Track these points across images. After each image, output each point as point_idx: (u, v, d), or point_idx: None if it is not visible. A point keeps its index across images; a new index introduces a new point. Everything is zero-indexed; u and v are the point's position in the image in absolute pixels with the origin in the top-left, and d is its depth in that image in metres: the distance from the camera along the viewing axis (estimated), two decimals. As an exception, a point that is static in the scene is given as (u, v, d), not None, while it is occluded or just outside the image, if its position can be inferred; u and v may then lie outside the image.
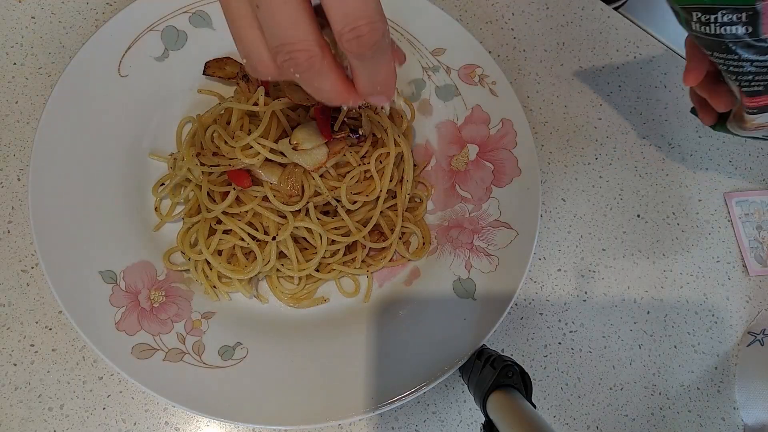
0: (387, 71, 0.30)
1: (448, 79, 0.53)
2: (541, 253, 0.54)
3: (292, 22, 0.26)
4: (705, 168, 0.58)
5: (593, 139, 0.58)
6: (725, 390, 0.52)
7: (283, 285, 0.48)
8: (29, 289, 0.47)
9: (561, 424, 0.50)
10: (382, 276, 0.50)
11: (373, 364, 0.45)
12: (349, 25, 0.26)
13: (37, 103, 0.51)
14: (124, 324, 0.44)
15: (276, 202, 0.45)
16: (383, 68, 0.29)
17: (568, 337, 0.52)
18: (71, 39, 0.54)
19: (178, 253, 0.48)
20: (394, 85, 0.31)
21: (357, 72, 0.29)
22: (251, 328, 0.46)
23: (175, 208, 0.49)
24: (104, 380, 0.46)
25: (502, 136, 0.52)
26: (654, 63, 0.61)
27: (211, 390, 0.43)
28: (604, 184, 0.57)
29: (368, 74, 0.29)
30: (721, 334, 0.54)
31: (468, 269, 0.49)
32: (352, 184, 0.47)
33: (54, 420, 0.45)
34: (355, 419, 0.43)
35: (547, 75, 0.59)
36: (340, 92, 0.30)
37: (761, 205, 0.58)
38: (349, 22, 0.26)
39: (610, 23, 0.62)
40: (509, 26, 0.60)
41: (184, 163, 0.47)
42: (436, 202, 0.52)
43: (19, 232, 0.48)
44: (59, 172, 0.46)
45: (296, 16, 0.26)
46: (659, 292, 0.54)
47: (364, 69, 0.29)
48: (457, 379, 0.49)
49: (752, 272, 0.56)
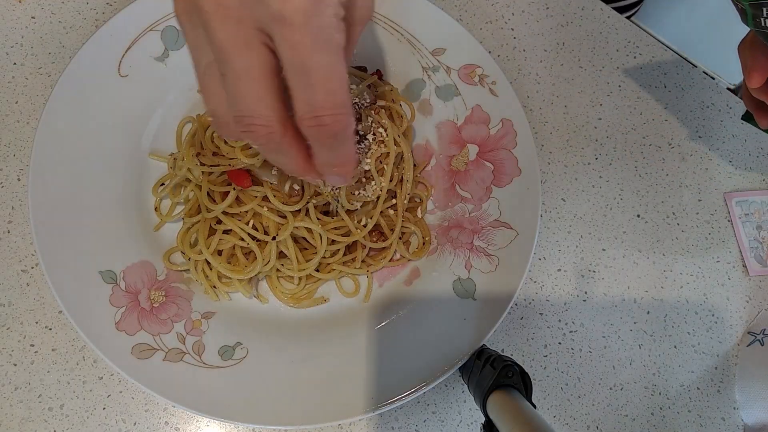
0: (345, 158, 0.29)
1: (448, 79, 0.53)
2: (541, 253, 0.54)
3: (255, 96, 0.26)
4: (705, 168, 0.58)
5: (593, 139, 0.58)
6: (725, 390, 0.52)
7: (283, 285, 0.48)
8: (29, 289, 0.47)
9: (561, 424, 0.50)
10: (382, 276, 0.50)
11: (373, 364, 0.45)
12: (311, 113, 0.26)
13: (37, 103, 0.51)
14: (124, 324, 0.44)
15: (276, 202, 0.45)
16: (342, 155, 0.29)
17: (568, 337, 0.52)
18: (71, 39, 0.54)
19: (178, 253, 0.48)
20: (351, 170, 0.31)
21: (315, 152, 0.29)
22: (251, 328, 0.46)
23: (175, 208, 0.49)
24: (104, 380, 0.46)
25: (502, 136, 0.52)
26: (654, 63, 0.61)
27: (211, 390, 0.43)
28: (604, 184, 0.57)
29: (326, 158, 0.29)
30: (721, 334, 0.54)
31: (468, 269, 0.49)
32: (352, 184, 0.47)
33: (54, 420, 0.45)
34: (355, 419, 0.43)
35: (547, 75, 0.59)
36: (298, 168, 0.29)
37: (761, 205, 0.58)
38: (312, 111, 0.26)
39: (610, 23, 0.62)
40: (509, 26, 0.60)
41: (184, 163, 0.47)
42: (436, 202, 0.52)
43: (19, 232, 0.48)
44: (59, 172, 0.46)
45: (260, 90, 0.26)
46: (659, 292, 0.54)
47: (322, 153, 0.29)
48: (457, 379, 0.49)
49: (752, 272, 0.56)
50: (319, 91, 0.26)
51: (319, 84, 0.25)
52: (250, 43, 0.25)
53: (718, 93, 0.61)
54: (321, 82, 0.25)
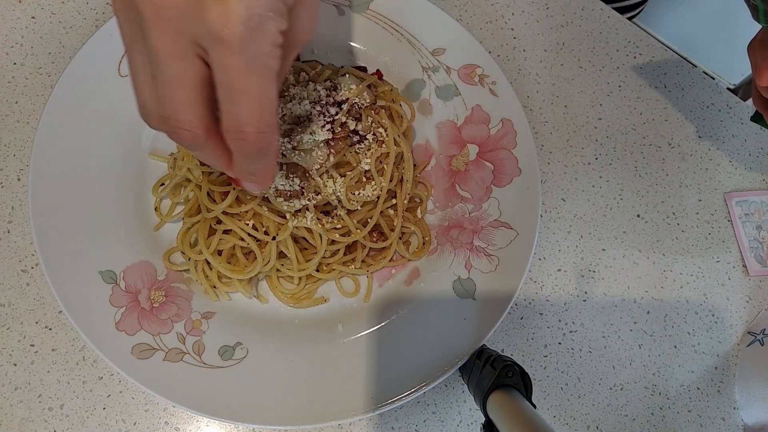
0: (265, 170, 0.30)
1: (448, 79, 0.53)
2: (541, 253, 0.54)
3: (184, 102, 0.27)
4: (705, 168, 0.58)
5: (593, 139, 0.58)
6: (725, 390, 0.52)
7: (283, 285, 0.48)
8: (29, 289, 0.47)
9: (561, 424, 0.50)
10: (382, 276, 0.50)
11: (373, 364, 0.45)
12: (236, 128, 0.27)
13: (37, 103, 0.51)
14: (124, 324, 0.44)
15: (276, 202, 0.45)
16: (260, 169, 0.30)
17: (568, 337, 0.52)
18: (71, 39, 0.54)
19: (178, 253, 0.48)
20: (269, 181, 0.32)
21: (236, 160, 0.30)
22: (251, 328, 0.46)
23: (175, 208, 0.49)
24: (104, 380, 0.46)
25: (502, 136, 0.52)
26: (654, 63, 0.61)
27: (211, 390, 0.43)
28: (604, 184, 0.57)
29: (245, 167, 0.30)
30: (721, 334, 0.54)
31: (468, 269, 0.49)
32: (352, 184, 0.47)
33: (54, 420, 0.45)
34: (355, 419, 0.43)
35: (547, 75, 0.59)
36: (221, 167, 0.30)
37: (761, 205, 0.58)
38: (237, 125, 0.27)
39: (610, 23, 0.62)
40: (509, 26, 0.60)
41: (184, 163, 0.47)
42: (436, 202, 0.52)
43: (19, 232, 0.48)
44: (59, 172, 0.46)
45: (189, 98, 0.27)
46: (659, 292, 0.54)
47: (242, 162, 0.29)
48: (457, 379, 0.49)
49: (752, 272, 0.56)
50: (247, 111, 0.26)
51: (247, 104, 0.26)
52: (185, 54, 0.26)
53: (718, 93, 0.61)
54: (250, 103, 0.26)
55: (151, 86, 0.27)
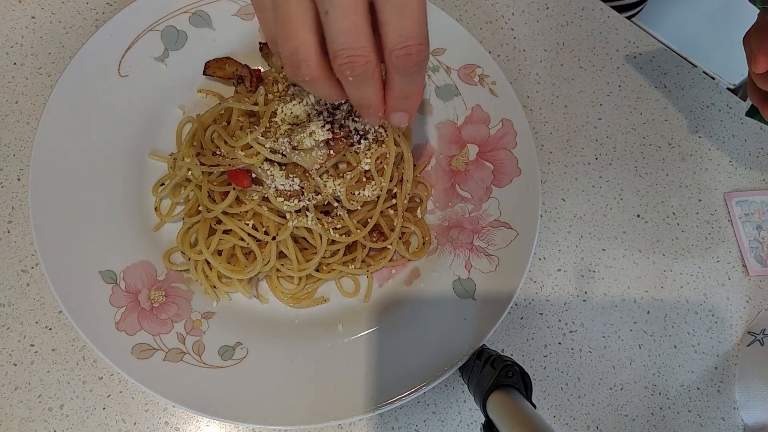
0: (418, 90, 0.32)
1: (448, 79, 0.53)
2: (541, 253, 0.54)
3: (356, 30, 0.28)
4: (705, 168, 0.58)
5: (593, 139, 0.58)
6: (725, 390, 0.52)
7: (283, 285, 0.48)
8: (29, 289, 0.47)
9: (561, 424, 0.50)
10: (382, 276, 0.50)
11: (373, 364, 0.45)
12: (402, 43, 0.28)
13: (37, 103, 0.51)
14: (124, 324, 0.44)
15: (276, 202, 0.45)
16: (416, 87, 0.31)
17: (568, 337, 0.52)
18: (71, 39, 0.54)
19: (178, 253, 0.48)
20: (418, 105, 0.33)
21: (393, 86, 0.31)
22: (251, 328, 0.46)
23: (175, 208, 0.49)
24: (104, 380, 0.46)
25: (502, 136, 0.52)
26: (654, 63, 0.61)
27: (211, 390, 0.43)
28: (604, 184, 0.57)
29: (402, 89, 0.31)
30: (721, 334, 0.54)
31: (468, 269, 0.49)
32: (352, 184, 0.47)
33: (54, 420, 0.45)
34: (355, 419, 0.43)
35: (547, 75, 0.59)
36: (378, 101, 0.31)
37: (761, 205, 0.58)
38: (403, 41, 0.28)
39: (610, 23, 0.62)
40: (509, 26, 0.60)
41: (184, 163, 0.47)
42: (436, 202, 0.52)
43: (19, 232, 0.48)
44: (59, 172, 0.46)
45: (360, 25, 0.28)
46: (659, 292, 0.54)
47: (401, 84, 0.31)
48: (457, 379, 0.49)
49: (752, 272, 0.56)
50: (411, 23, 0.28)
51: (411, 16, 0.28)
52: None
53: (718, 93, 0.61)
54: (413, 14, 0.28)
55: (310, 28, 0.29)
